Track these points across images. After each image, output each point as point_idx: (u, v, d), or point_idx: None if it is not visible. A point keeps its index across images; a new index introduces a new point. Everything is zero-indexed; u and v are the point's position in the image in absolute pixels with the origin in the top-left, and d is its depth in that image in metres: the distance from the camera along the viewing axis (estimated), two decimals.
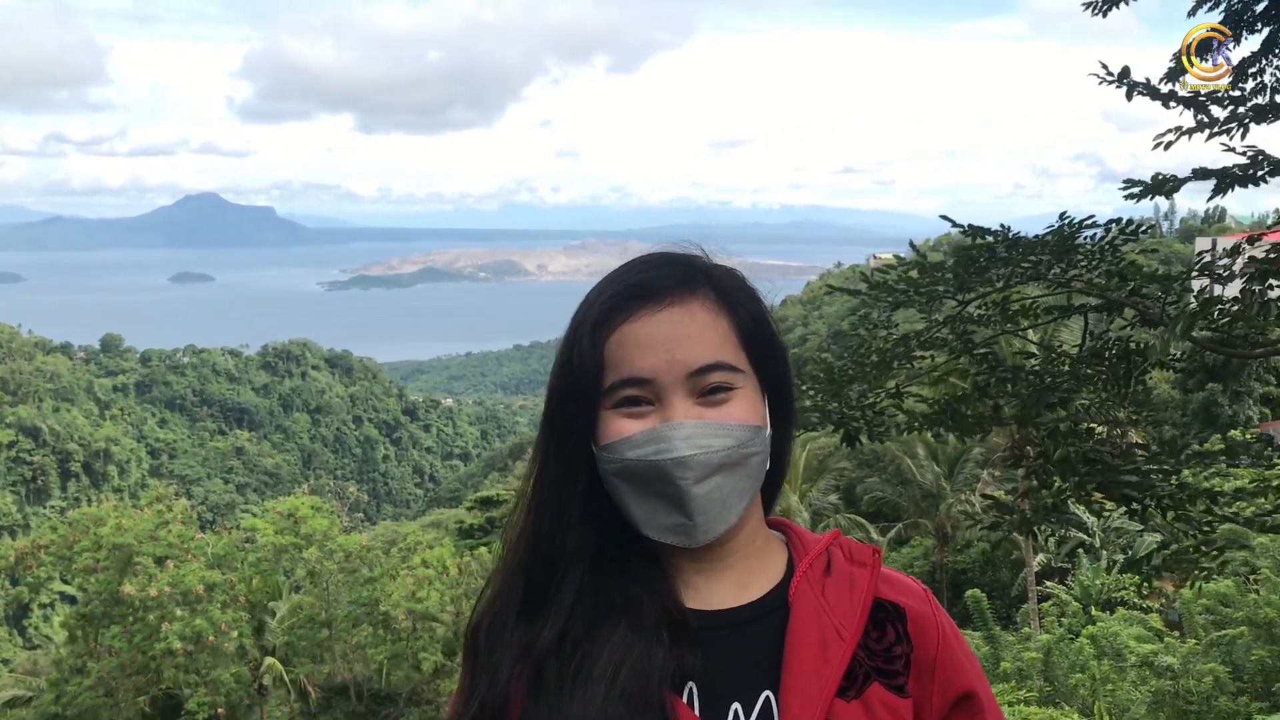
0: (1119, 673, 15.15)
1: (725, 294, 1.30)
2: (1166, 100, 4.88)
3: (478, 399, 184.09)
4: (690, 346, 1.24)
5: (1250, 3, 7.13)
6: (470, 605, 14.59)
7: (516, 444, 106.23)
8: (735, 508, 1.26)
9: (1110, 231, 5.21)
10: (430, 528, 54.07)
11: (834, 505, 37.08)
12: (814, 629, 1.27)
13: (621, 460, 1.25)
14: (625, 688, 1.21)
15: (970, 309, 5.42)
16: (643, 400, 1.25)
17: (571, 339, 1.31)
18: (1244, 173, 4.94)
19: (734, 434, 1.24)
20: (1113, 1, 7.08)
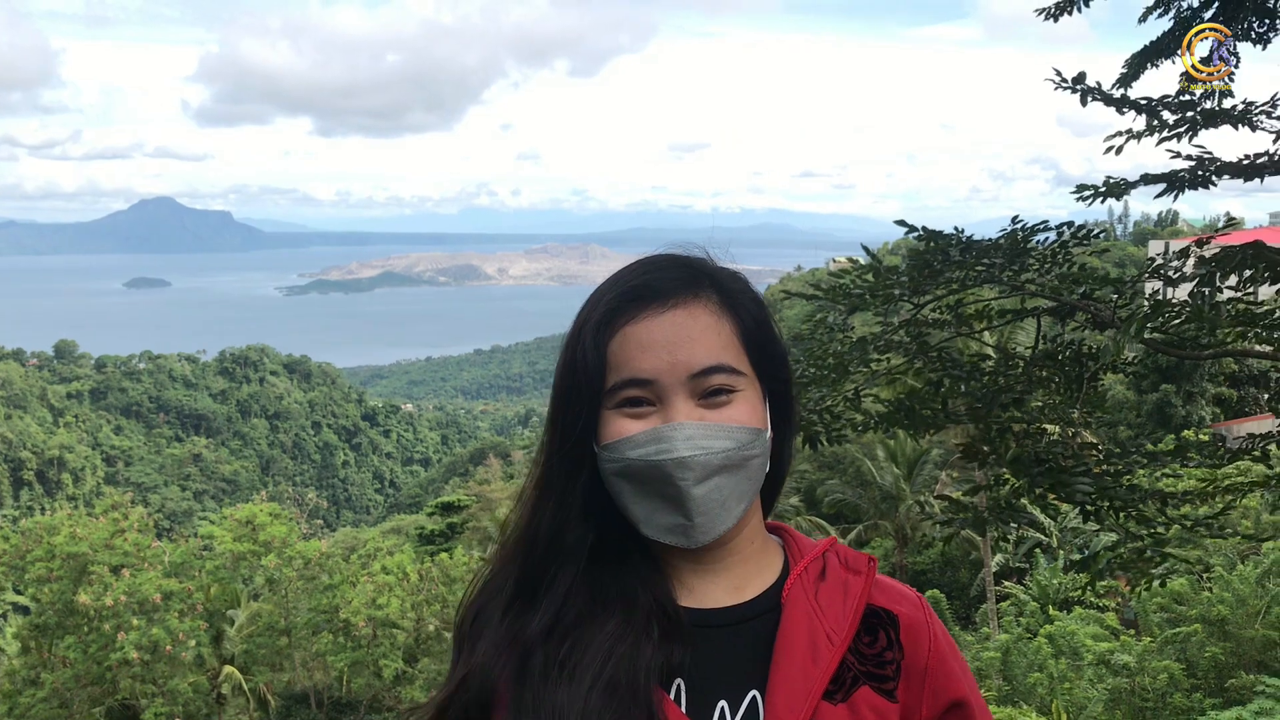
0: (1076, 671, 15.32)
1: (729, 297, 1.32)
2: (1119, 105, 4.96)
3: (438, 404, 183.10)
4: (692, 348, 1.25)
5: (1199, 9, 7.26)
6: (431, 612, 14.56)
7: (477, 449, 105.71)
8: (734, 510, 1.27)
9: (1062, 235, 5.28)
10: (391, 534, 53.75)
11: (795, 508, 37.23)
12: (804, 631, 1.28)
13: (623, 460, 1.26)
14: (611, 679, 1.22)
15: (925, 312, 5.47)
16: (644, 401, 1.26)
17: (575, 339, 1.33)
18: (1191, 176, 5.03)
19: (734, 436, 1.25)
20: (1064, 8, 7.19)
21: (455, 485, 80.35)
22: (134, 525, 25.39)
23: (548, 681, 1.25)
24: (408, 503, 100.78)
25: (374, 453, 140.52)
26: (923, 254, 5.19)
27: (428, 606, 27.19)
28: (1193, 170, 5.01)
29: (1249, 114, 4.90)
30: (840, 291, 5.38)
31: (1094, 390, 5.45)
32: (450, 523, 51.07)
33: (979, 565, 29.93)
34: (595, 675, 1.23)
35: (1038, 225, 5.32)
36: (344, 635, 25.43)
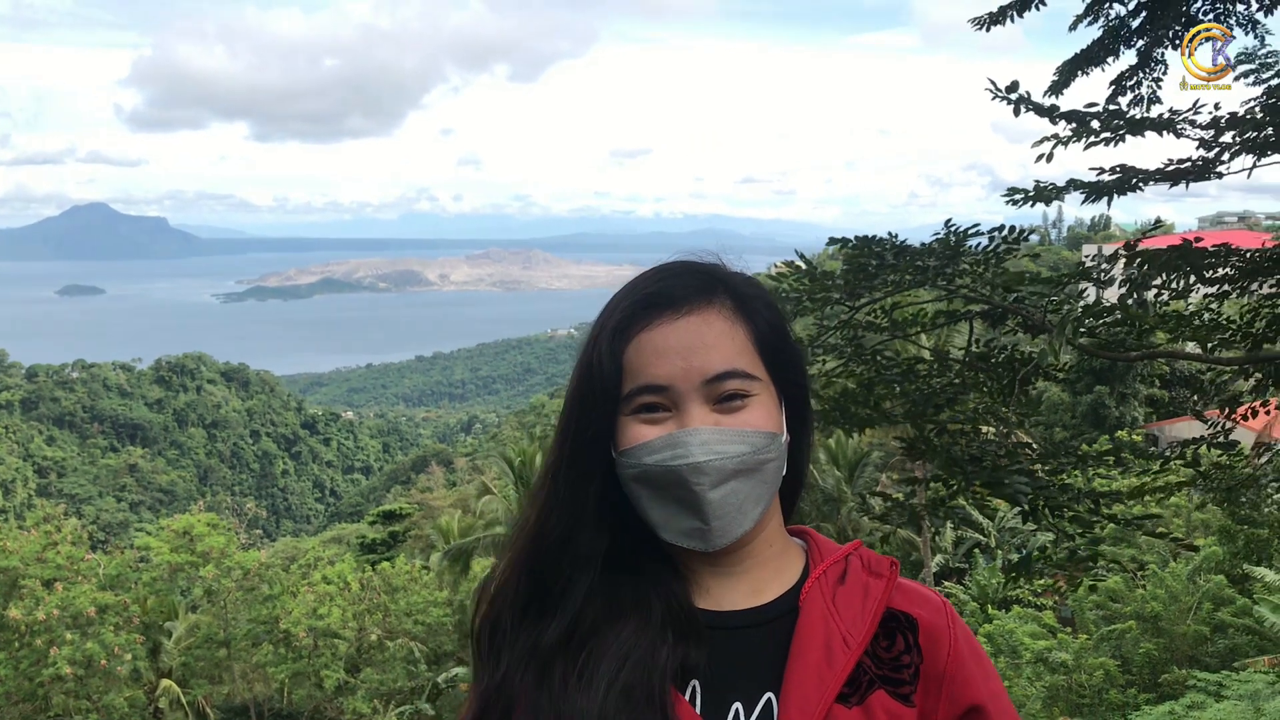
0: (1015, 669, 15.52)
1: (744, 303, 1.32)
2: (1050, 114, 5.06)
3: (379, 411, 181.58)
4: (707, 354, 1.27)
5: (1126, 19, 7.42)
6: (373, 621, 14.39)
7: (420, 456, 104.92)
8: (751, 513, 1.28)
9: (994, 239, 5.38)
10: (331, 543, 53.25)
11: None
12: (820, 634, 1.28)
13: (640, 465, 1.27)
14: (627, 683, 1.23)
15: (861, 315, 5.55)
16: (660, 407, 1.27)
17: (591, 346, 1.33)
18: (1117, 182, 5.14)
19: (750, 440, 1.26)
20: (997, 18, 7.31)
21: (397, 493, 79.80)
22: (67, 537, 24.89)
23: (565, 689, 1.26)
24: (349, 511, 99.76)
25: (314, 461, 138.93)
26: (857, 258, 5.26)
27: (369, 616, 26.96)
28: (1118, 177, 5.12)
29: (1173, 122, 5.02)
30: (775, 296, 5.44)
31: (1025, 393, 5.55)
32: (392, 531, 50.70)
33: (919, 566, 30.25)
34: (611, 680, 1.24)
35: (969, 229, 5.41)
36: (284, 646, 25.14)
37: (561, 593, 1.32)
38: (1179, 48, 7.46)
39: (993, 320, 5.39)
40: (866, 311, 5.59)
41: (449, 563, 32.96)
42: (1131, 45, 7.46)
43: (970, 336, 5.72)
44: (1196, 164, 5.15)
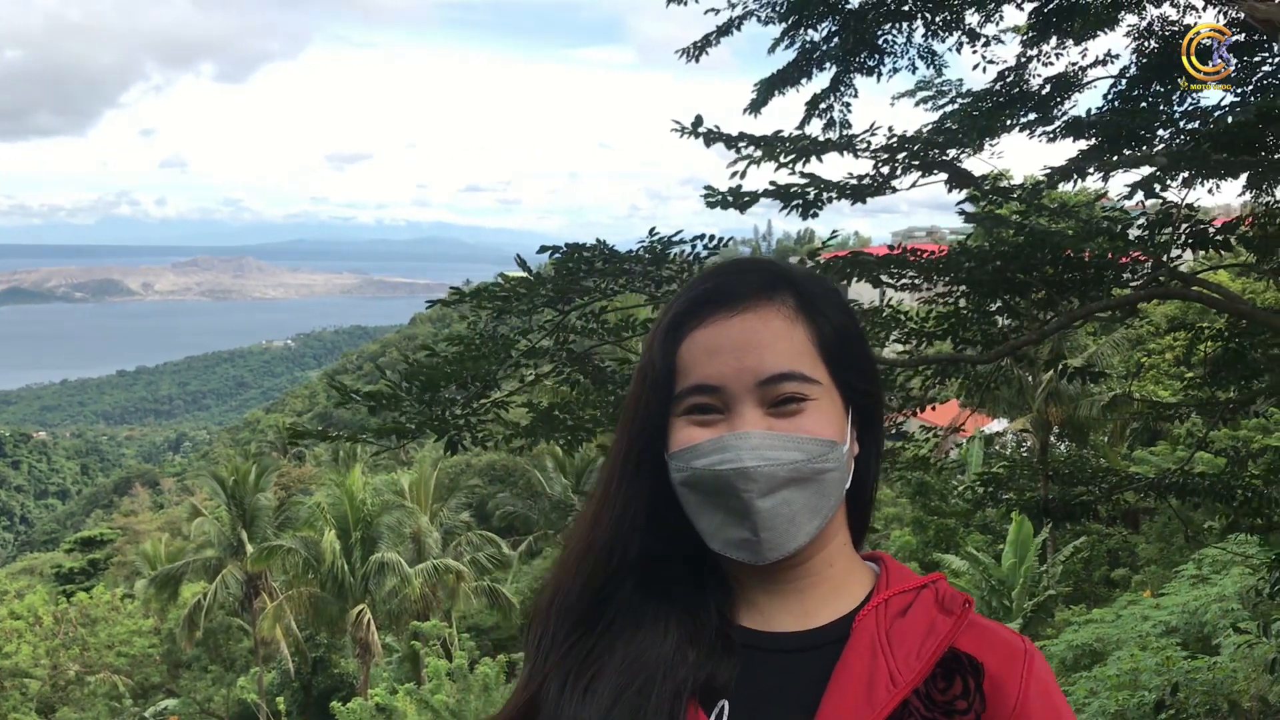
0: None
1: (807, 301, 1.24)
2: (736, 143, 5.34)
3: (76, 430, 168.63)
4: (761, 354, 1.19)
5: (819, 44, 7.92)
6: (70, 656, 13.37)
7: (123, 478, 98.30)
8: (805, 526, 1.20)
9: (695, 247, 5.64)
10: (22, 574, 49.29)
11: (466, 523, 37.13)
12: (864, 667, 1.19)
13: (688, 469, 1.21)
14: (636, 697, 1.18)
15: (573, 320, 5.68)
16: (712, 409, 1.21)
17: (647, 345, 1.28)
18: (806, 195, 5.50)
19: (804, 447, 1.19)
20: (701, 49, 7.70)
21: (98, 518, 74.67)
22: None
23: (574, 695, 1.21)
24: (42, 539, 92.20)
25: (1, 487, 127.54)
26: (566, 263, 5.38)
27: (65, 651, 25.04)
28: (806, 189, 5.48)
29: (853, 143, 5.42)
30: (486, 296, 5.50)
31: None
32: (92, 559, 47.42)
33: None
34: (618, 693, 1.19)
35: (673, 236, 5.66)
36: None
37: (603, 601, 1.27)
38: (869, 74, 8.06)
39: None
40: (579, 316, 5.72)
41: (155, 590, 31.11)
42: (824, 69, 7.98)
43: None
44: (875, 181, 5.57)
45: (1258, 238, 6.59)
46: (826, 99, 8.09)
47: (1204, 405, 8.46)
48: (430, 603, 30.71)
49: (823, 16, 7.59)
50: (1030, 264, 5.86)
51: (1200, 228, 5.94)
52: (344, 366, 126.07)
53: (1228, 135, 5.78)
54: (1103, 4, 7.26)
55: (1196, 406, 8.72)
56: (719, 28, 7.57)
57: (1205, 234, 5.91)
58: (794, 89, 7.91)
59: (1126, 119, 6.73)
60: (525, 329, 5.74)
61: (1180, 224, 5.97)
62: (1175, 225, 5.96)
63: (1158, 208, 6.19)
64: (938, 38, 7.90)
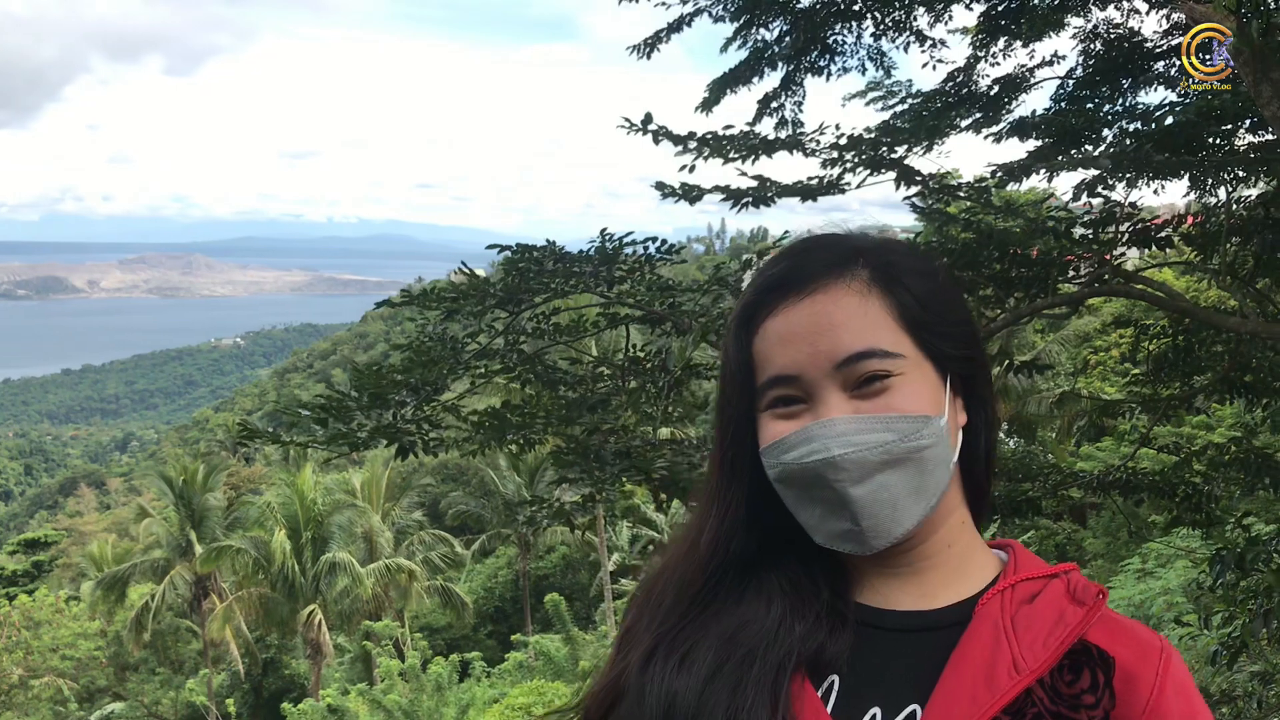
0: None
1: (885, 272, 1.17)
2: (684, 142, 5.36)
3: (20, 430, 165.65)
4: (835, 335, 1.13)
5: (771, 44, 7.95)
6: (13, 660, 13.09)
7: (68, 478, 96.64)
8: (910, 508, 1.14)
9: (647, 249, 5.65)
10: None
11: (419, 522, 36.98)
12: (986, 651, 1.14)
13: (778, 464, 1.16)
14: (738, 667, 1.14)
15: (524, 322, 5.67)
16: (794, 399, 1.15)
17: (724, 343, 1.23)
18: (754, 193, 5.54)
19: (894, 426, 1.12)
20: (653, 45, 7.69)
21: (42, 519, 73.50)
22: None
23: (664, 671, 1.17)
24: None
25: None
26: (516, 264, 5.37)
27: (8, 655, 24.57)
28: (756, 187, 5.51)
29: (801, 142, 5.45)
30: (435, 298, 5.48)
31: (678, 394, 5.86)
32: (36, 561, 46.65)
33: (599, 566, 31.03)
34: (717, 664, 1.15)
35: (624, 237, 5.66)
36: None
37: (702, 590, 1.23)
38: (819, 73, 8.10)
39: (651, 324, 5.65)
40: (529, 318, 5.71)
41: (102, 592, 30.67)
42: (775, 69, 8.01)
43: (627, 342, 5.97)
44: (824, 181, 5.61)
45: (1199, 236, 6.71)
46: (778, 98, 8.12)
47: (1147, 402, 8.60)
48: (382, 602, 30.54)
49: (774, 15, 7.62)
50: (978, 261, 5.93)
51: (1142, 226, 6.04)
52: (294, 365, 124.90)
53: (1168, 135, 5.88)
54: (1049, 6, 7.35)
55: (1140, 403, 8.86)
56: (670, 24, 7.58)
57: (1147, 232, 6.01)
58: (746, 88, 7.94)
59: (1071, 119, 6.82)
60: (475, 331, 5.72)
61: (1123, 222, 6.07)
62: (1118, 223, 6.06)
63: (1101, 206, 6.29)
64: (887, 38, 7.97)
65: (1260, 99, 4.44)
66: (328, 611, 29.23)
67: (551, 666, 18.23)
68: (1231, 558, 5.29)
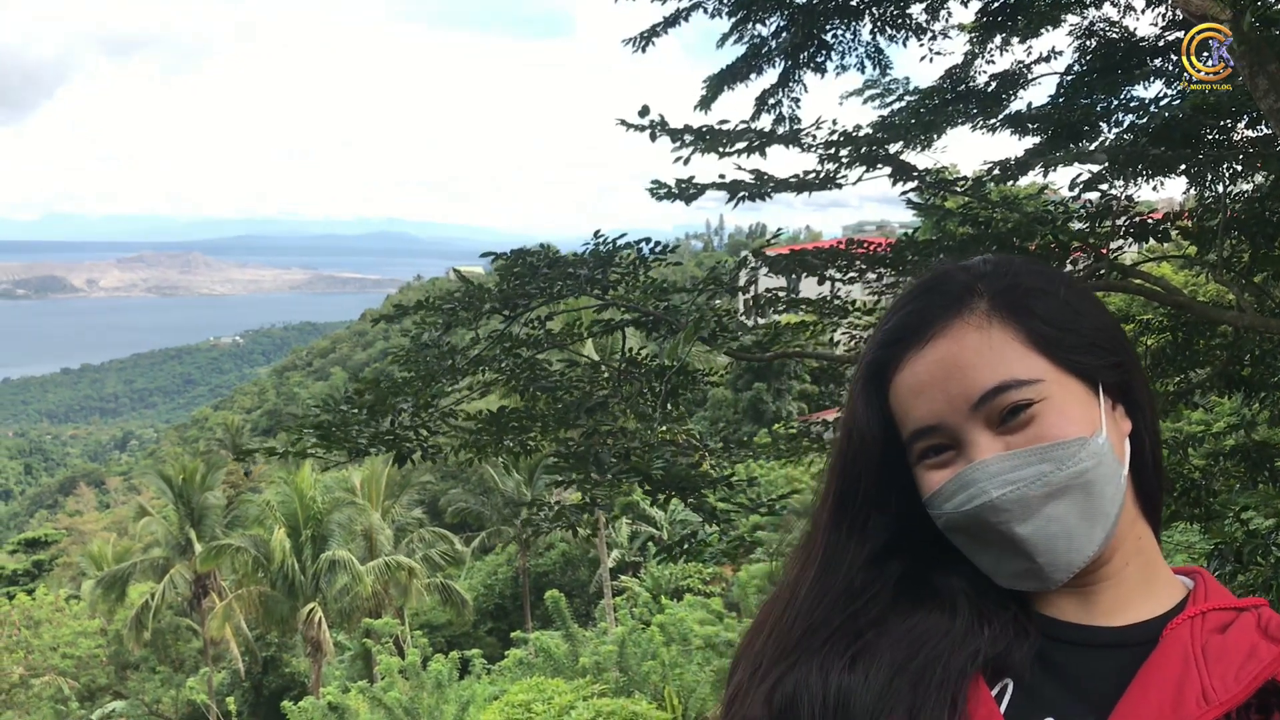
0: (686, 656, 16.23)
1: (1002, 299, 1.14)
2: (680, 136, 5.35)
3: (19, 429, 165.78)
4: (964, 376, 1.10)
5: (769, 39, 7.95)
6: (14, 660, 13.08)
7: (68, 478, 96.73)
8: (1088, 534, 1.10)
9: (641, 250, 5.66)
10: None
11: (418, 519, 36.98)
12: (1174, 677, 1.09)
13: (941, 514, 1.13)
14: (919, 668, 1.11)
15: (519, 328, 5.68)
16: (943, 447, 1.13)
17: (849, 400, 1.20)
18: (751, 188, 5.54)
19: (1049, 455, 1.09)
20: (648, 39, 7.67)
21: (42, 518, 73.60)
22: None
23: (830, 669, 1.13)
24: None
25: None
26: (511, 268, 5.38)
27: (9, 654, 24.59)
28: (752, 182, 5.51)
29: (798, 137, 5.45)
30: (431, 307, 5.49)
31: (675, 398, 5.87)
32: (37, 560, 46.71)
33: (599, 563, 31.04)
34: (898, 665, 1.11)
35: (618, 238, 5.67)
36: None
37: (849, 623, 1.18)
38: (817, 70, 8.10)
39: (646, 327, 5.66)
40: (524, 323, 5.72)
41: (103, 590, 30.69)
42: (773, 65, 8.01)
43: (624, 345, 5.99)
44: (820, 175, 5.61)
45: (1197, 230, 6.71)
46: (775, 95, 8.12)
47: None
48: (382, 600, 30.55)
49: (770, 11, 7.62)
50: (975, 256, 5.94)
51: (1139, 220, 6.04)
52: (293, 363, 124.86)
53: (1166, 130, 5.88)
54: (1046, 3, 7.35)
55: None
56: (666, 18, 7.57)
57: (1144, 226, 6.02)
58: (743, 84, 7.93)
59: (1068, 114, 6.83)
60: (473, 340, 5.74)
61: (1119, 216, 6.08)
62: (1115, 217, 6.06)
63: (1098, 201, 6.30)
64: (885, 34, 7.97)
65: (1257, 92, 4.44)
66: (328, 609, 29.25)
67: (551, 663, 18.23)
68: (1230, 552, 5.31)
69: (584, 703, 12.88)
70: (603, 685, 15.35)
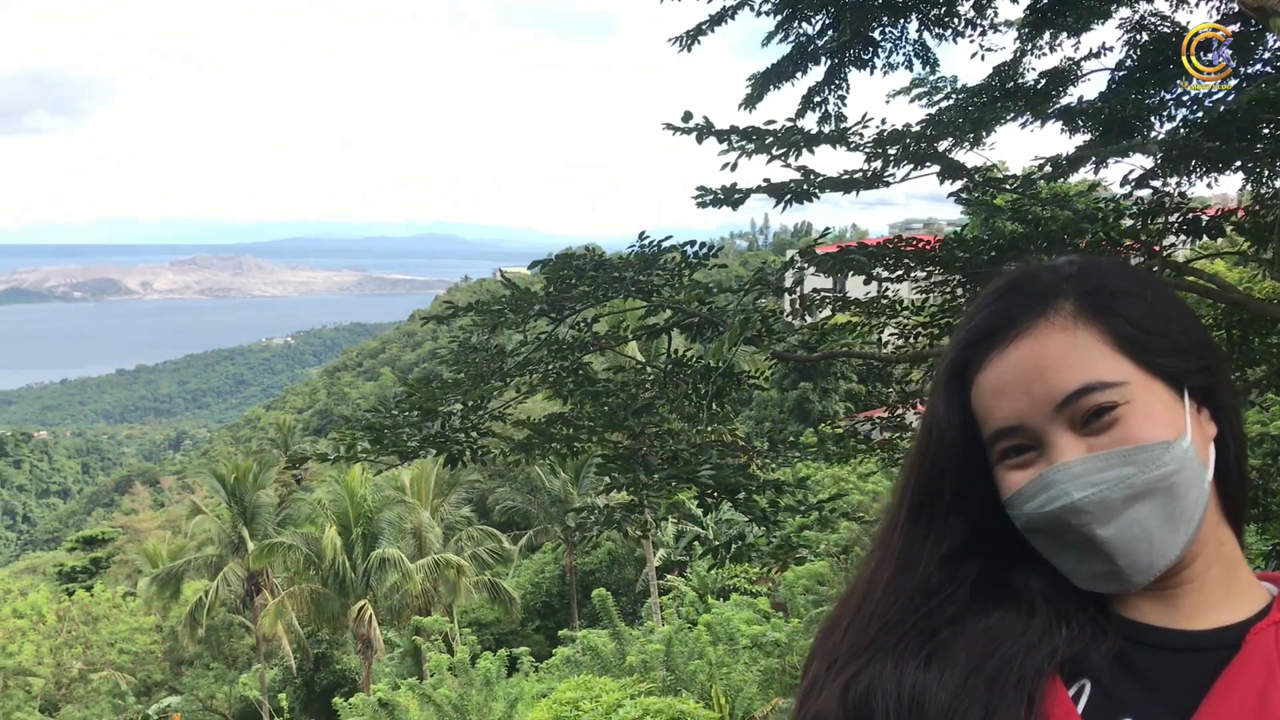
0: (733, 655, 16.20)
1: (1088, 300, 1.13)
2: (727, 137, 5.34)
3: (77, 429, 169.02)
4: (1048, 377, 1.10)
5: (814, 37, 7.92)
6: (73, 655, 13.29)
7: (123, 476, 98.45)
8: (1170, 538, 1.10)
9: (685, 253, 5.67)
10: (25, 573, 49.59)
11: (467, 518, 37.21)
12: (1257, 682, 1.08)
13: (1021, 515, 1.13)
14: (995, 667, 1.10)
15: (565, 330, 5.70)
16: (1025, 448, 1.13)
17: (929, 400, 1.21)
18: (797, 189, 5.52)
19: (1133, 458, 1.08)
20: (694, 37, 7.67)
21: (99, 517, 74.89)
22: None
23: (905, 667, 1.13)
24: (44, 538, 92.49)
25: (3, 486, 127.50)
26: (558, 271, 5.41)
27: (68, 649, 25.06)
28: (799, 184, 5.49)
29: (845, 136, 5.43)
30: (479, 310, 5.53)
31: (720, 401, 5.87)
32: (94, 558, 47.52)
33: (644, 562, 31.06)
34: (977, 660, 1.11)
35: (663, 240, 5.69)
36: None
37: (921, 621, 1.18)
38: (863, 67, 8.06)
39: (693, 330, 5.67)
40: (571, 325, 5.75)
41: (158, 588, 31.18)
42: (818, 63, 7.98)
43: (669, 347, 6.00)
44: (867, 174, 5.59)
45: (1252, 227, 6.59)
46: (821, 93, 8.09)
47: None
48: (431, 598, 30.76)
49: (817, 9, 7.59)
50: (1025, 253, 5.88)
51: (1192, 216, 5.95)
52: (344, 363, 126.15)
53: (1221, 124, 5.79)
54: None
55: None
56: (712, 16, 7.56)
57: (1198, 223, 5.92)
58: (789, 83, 7.92)
59: (1119, 109, 6.74)
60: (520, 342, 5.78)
61: (1172, 212, 5.99)
62: (1167, 214, 5.98)
63: (1150, 197, 6.21)
64: (931, 31, 7.91)
65: None
66: (378, 607, 29.50)
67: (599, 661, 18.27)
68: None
69: (631, 701, 12.89)
70: (649, 684, 15.35)
